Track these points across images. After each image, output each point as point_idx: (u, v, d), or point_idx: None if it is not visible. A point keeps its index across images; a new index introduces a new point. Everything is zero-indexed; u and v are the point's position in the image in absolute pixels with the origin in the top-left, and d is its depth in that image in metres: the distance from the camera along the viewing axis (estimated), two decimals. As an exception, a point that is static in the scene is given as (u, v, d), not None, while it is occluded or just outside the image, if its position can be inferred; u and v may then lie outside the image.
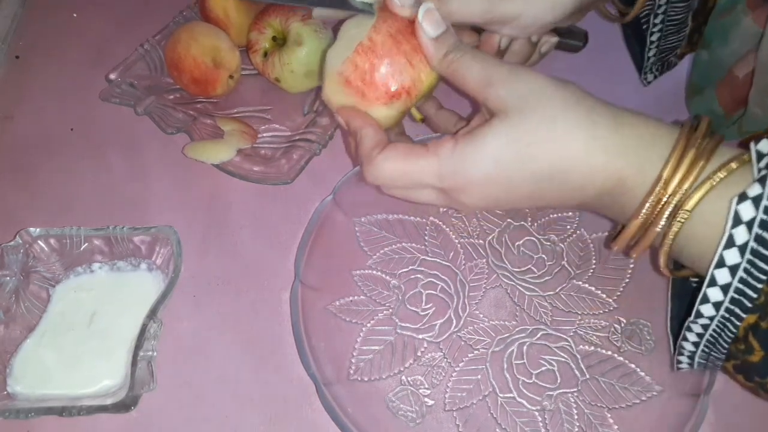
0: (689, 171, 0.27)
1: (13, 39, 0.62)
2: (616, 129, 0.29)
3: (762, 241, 0.25)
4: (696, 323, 0.28)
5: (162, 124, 0.51)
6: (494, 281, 0.46)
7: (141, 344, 0.39)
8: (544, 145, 0.29)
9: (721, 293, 0.26)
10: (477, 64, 0.31)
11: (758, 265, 0.25)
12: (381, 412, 0.40)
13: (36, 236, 0.44)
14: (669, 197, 0.28)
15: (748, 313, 0.26)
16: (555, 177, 0.30)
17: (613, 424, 0.40)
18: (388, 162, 0.32)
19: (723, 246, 0.26)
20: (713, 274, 0.26)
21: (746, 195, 0.25)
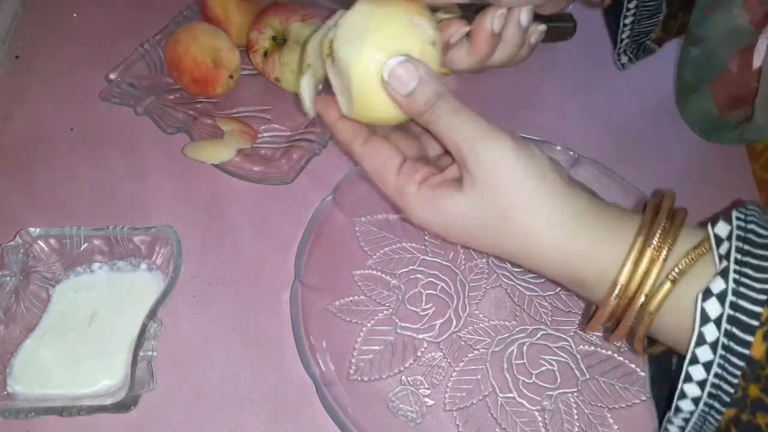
0: (647, 272, 0.28)
1: (13, 39, 0.61)
2: (573, 234, 0.29)
3: (733, 336, 0.25)
4: (676, 417, 0.28)
5: (162, 124, 0.51)
6: (494, 281, 0.46)
7: (141, 344, 0.39)
8: (503, 233, 0.30)
9: (699, 389, 0.26)
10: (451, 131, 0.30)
11: (732, 360, 0.25)
12: (381, 412, 0.40)
13: (36, 236, 0.44)
14: (630, 299, 0.28)
15: (727, 407, 0.26)
16: (511, 257, 0.32)
17: (613, 424, 0.40)
18: (364, 162, 0.33)
19: (694, 344, 0.26)
20: (688, 371, 0.26)
21: (710, 291, 0.25)
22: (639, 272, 0.28)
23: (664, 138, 0.56)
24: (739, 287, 0.25)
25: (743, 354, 0.25)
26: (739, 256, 0.25)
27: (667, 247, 0.28)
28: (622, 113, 0.59)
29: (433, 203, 0.31)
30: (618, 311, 0.29)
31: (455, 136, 0.30)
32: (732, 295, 0.25)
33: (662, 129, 0.57)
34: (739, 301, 0.25)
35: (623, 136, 0.57)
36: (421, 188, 0.32)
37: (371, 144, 0.33)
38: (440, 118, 0.30)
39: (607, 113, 0.59)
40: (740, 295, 0.25)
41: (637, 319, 0.28)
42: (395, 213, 0.34)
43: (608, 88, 0.61)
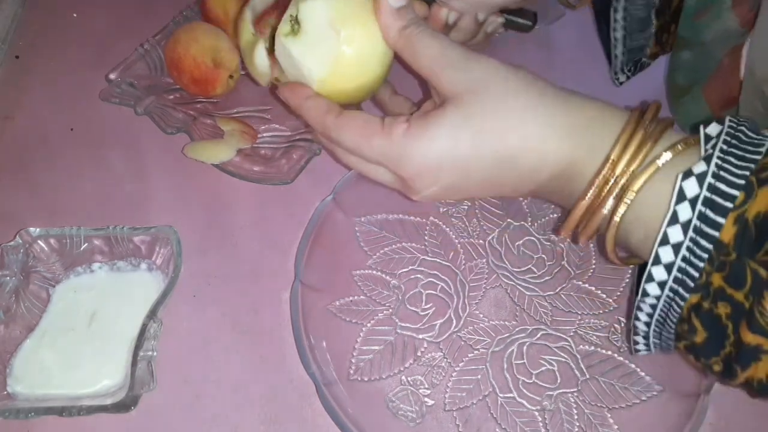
0: (637, 152, 0.28)
1: (13, 39, 0.62)
2: (567, 111, 0.30)
3: (704, 218, 0.25)
4: (644, 302, 0.28)
5: (162, 124, 0.51)
6: (494, 281, 0.46)
7: (141, 344, 0.39)
8: (498, 128, 0.29)
9: (665, 272, 0.26)
10: (435, 43, 0.31)
11: (701, 243, 0.25)
12: (381, 412, 0.40)
13: (36, 236, 0.44)
14: (617, 178, 0.28)
15: (691, 293, 0.26)
16: (510, 160, 0.30)
17: (613, 424, 0.40)
18: (344, 132, 0.32)
19: (667, 223, 0.26)
20: (657, 252, 0.26)
21: (691, 172, 0.26)
22: (629, 151, 0.28)
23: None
24: (719, 171, 0.25)
25: (712, 236, 0.25)
26: (725, 146, 0.26)
27: (656, 134, 0.28)
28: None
29: (428, 130, 0.30)
30: (600, 196, 0.29)
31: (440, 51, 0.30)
32: (711, 177, 0.25)
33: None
34: (717, 184, 0.25)
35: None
36: (411, 124, 0.30)
37: (346, 114, 0.33)
38: (424, 32, 0.31)
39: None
40: (719, 178, 0.25)
41: (615, 204, 0.28)
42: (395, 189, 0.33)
43: (607, 90, 0.61)
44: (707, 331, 0.26)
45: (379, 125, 0.31)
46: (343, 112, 0.33)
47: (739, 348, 0.25)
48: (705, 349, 0.27)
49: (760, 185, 0.24)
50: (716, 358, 0.27)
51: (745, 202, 0.24)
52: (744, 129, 0.27)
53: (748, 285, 0.24)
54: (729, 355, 0.26)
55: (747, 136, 0.26)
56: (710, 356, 0.27)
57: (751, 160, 0.25)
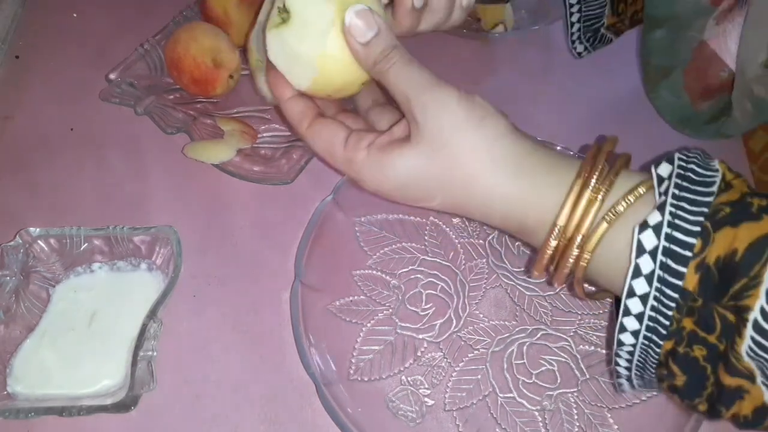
0: (585, 213, 0.28)
1: (13, 39, 0.61)
2: (515, 177, 0.30)
3: (667, 268, 0.25)
4: (621, 350, 0.28)
5: (162, 124, 0.51)
6: (494, 281, 0.46)
7: (141, 344, 0.39)
8: (450, 181, 0.31)
9: (636, 322, 0.27)
10: (401, 81, 0.31)
11: (666, 293, 0.25)
12: (381, 412, 0.40)
13: (36, 236, 0.44)
14: (569, 240, 0.29)
15: (664, 340, 0.26)
16: (462, 208, 0.32)
17: (613, 424, 0.40)
18: (312, 142, 0.34)
19: (630, 276, 0.26)
20: (626, 304, 0.27)
21: (647, 223, 0.26)
22: (577, 214, 0.28)
23: (661, 140, 0.56)
24: (674, 219, 0.25)
25: (677, 285, 0.25)
26: (677, 191, 0.26)
27: (605, 188, 0.28)
28: (620, 115, 0.59)
29: (383, 163, 0.31)
30: (558, 254, 0.29)
31: (405, 85, 0.31)
32: (667, 227, 0.25)
33: (657, 128, 0.57)
34: (674, 233, 0.25)
35: (620, 134, 0.57)
36: (370, 151, 0.32)
37: (317, 124, 0.34)
38: (393, 66, 0.31)
39: (605, 113, 0.59)
40: (675, 227, 0.25)
41: (575, 261, 0.29)
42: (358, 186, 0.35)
43: (607, 90, 0.61)
44: (686, 375, 0.27)
45: (341, 145, 0.33)
46: (314, 122, 0.34)
47: (720, 389, 0.26)
48: (687, 392, 0.27)
49: (715, 229, 0.25)
50: (699, 399, 0.27)
51: (703, 249, 0.25)
52: (694, 167, 0.27)
53: (719, 329, 0.25)
54: (712, 395, 0.26)
55: (697, 175, 0.27)
56: (693, 397, 0.27)
57: (704, 203, 0.25)
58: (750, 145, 0.56)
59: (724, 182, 0.26)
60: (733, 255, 0.24)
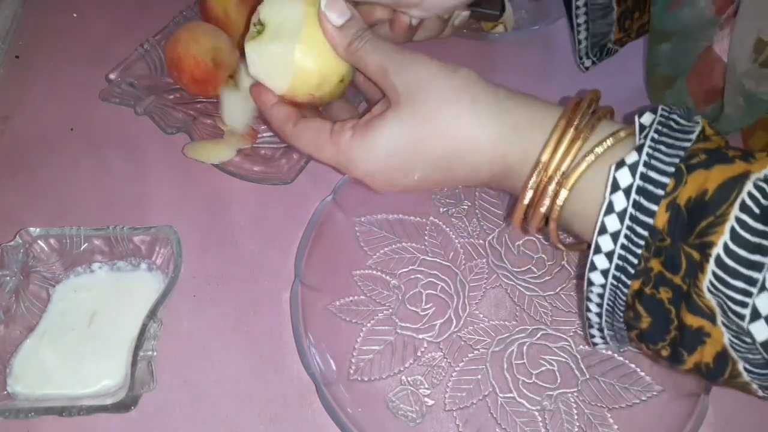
0: (567, 151, 0.29)
1: (13, 39, 0.62)
2: (498, 116, 0.31)
3: (639, 206, 0.26)
4: (591, 292, 0.29)
5: (162, 124, 0.51)
6: (494, 281, 0.46)
7: (141, 344, 0.39)
8: (434, 134, 0.31)
9: (606, 260, 0.27)
10: (376, 54, 0.33)
11: (637, 231, 0.26)
12: (381, 412, 0.40)
13: (36, 236, 0.44)
14: (550, 178, 0.29)
15: (632, 279, 0.27)
16: (448, 163, 0.32)
17: (613, 424, 0.40)
18: (299, 141, 0.35)
19: (603, 213, 0.27)
20: (597, 242, 0.27)
21: (624, 162, 0.26)
22: (560, 151, 0.29)
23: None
24: (650, 159, 0.26)
25: (647, 223, 0.26)
26: (656, 135, 0.27)
27: (588, 129, 0.29)
28: (620, 116, 0.59)
29: (368, 138, 0.32)
30: (537, 195, 0.30)
31: (380, 57, 0.32)
32: (643, 167, 0.26)
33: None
34: (649, 172, 0.26)
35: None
36: (355, 131, 0.32)
37: (301, 123, 0.35)
38: (367, 43, 0.33)
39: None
40: (650, 167, 0.26)
41: (552, 199, 0.29)
42: None
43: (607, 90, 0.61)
44: (651, 316, 0.27)
45: (327, 134, 0.33)
46: (299, 122, 0.35)
47: (682, 332, 0.26)
48: (651, 335, 0.28)
49: (689, 171, 0.25)
50: (663, 344, 0.27)
51: (675, 189, 0.25)
52: (675, 117, 0.28)
53: (684, 268, 0.25)
54: (674, 340, 0.27)
55: (678, 124, 0.27)
56: (657, 341, 0.27)
57: (681, 148, 0.26)
58: (750, 144, 0.55)
59: (703, 134, 0.27)
60: (703, 195, 0.25)
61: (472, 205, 0.50)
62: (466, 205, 0.50)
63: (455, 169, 0.32)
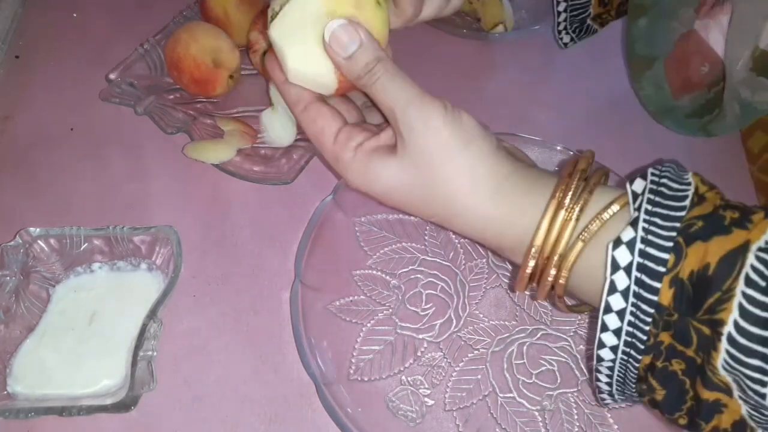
0: (561, 234, 0.29)
1: (13, 39, 0.61)
2: (494, 200, 0.31)
3: (642, 284, 0.25)
4: (601, 365, 0.28)
5: (162, 124, 0.51)
6: (494, 281, 0.46)
7: (141, 344, 0.39)
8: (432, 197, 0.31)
9: (615, 337, 0.27)
10: (386, 95, 0.31)
11: (642, 308, 0.26)
12: (381, 412, 0.40)
13: (36, 236, 0.44)
14: (547, 259, 0.29)
15: (642, 355, 0.26)
16: (443, 222, 0.33)
17: (613, 424, 0.40)
18: (305, 126, 0.34)
19: (606, 292, 0.26)
20: (603, 320, 0.27)
21: (620, 240, 0.26)
22: (552, 234, 0.29)
23: (661, 140, 0.56)
24: (647, 235, 0.26)
25: (652, 300, 0.25)
26: (650, 207, 0.26)
27: (579, 208, 0.28)
28: (620, 115, 0.59)
29: (368, 169, 0.32)
30: (537, 272, 0.30)
31: (390, 99, 0.31)
32: (640, 243, 0.26)
33: (658, 129, 0.57)
34: (647, 249, 0.25)
35: (621, 135, 0.57)
36: (357, 154, 0.32)
37: (311, 110, 0.34)
38: (378, 81, 0.31)
39: (605, 113, 0.59)
40: (648, 243, 0.25)
41: (554, 279, 0.29)
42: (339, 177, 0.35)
43: (607, 90, 0.61)
44: (665, 389, 0.27)
45: (332, 138, 0.33)
46: (309, 107, 0.34)
47: (698, 403, 0.26)
48: (667, 406, 0.27)
49: (688, 244, 0.25)
50: (680, 413, 0.27)
51: (677, 264, 0.25)
52: (666, 181, 0.27)
53: (695, 343, 0.25)
54: (691, 409, 0.26)
55: (670, 189, 0.27)
56: (674, 412, 0.27)
57: (676, 218, 0.26)
58: (748, 145, 0.56)
59: (697, 195, 0.27)
60: (706, 269, 0.24)
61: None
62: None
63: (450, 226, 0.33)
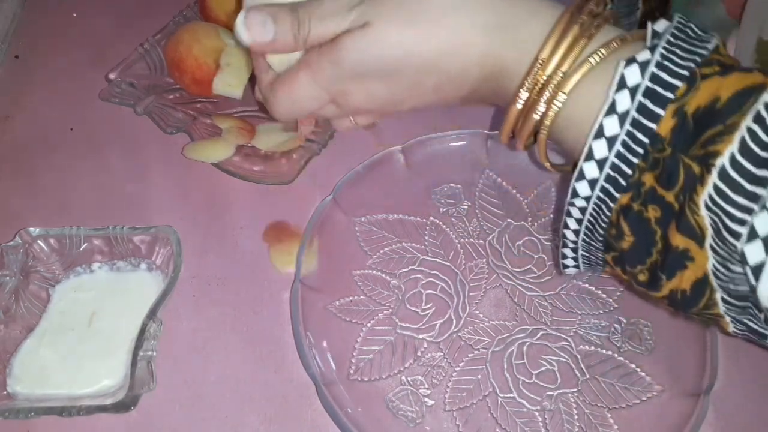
0: (570, 49, 0.26)
1: (13, 39, 0.62)
2: (494, 10, 0.27)
3: (644, 109, 0.24)
4: (573, 205, 0.27)
5: (162, 124, 0.51)
6: (494, 281, 0.46)
7: (141, 344, 0.39)
8: (419, 33, 0.28)
9: (597, 169, 0.25)
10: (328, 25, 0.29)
11: (636, 136, 0.24)
12: (381, 412, 0.40)
13: (36, 236, 0.44)
14: (547, 79, 0.26)
15: (621, 193, 0.25)
16: (434, 63, 0.28)
17: (613, 424, 0.40)
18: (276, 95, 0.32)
19: (603, 113, 0.25)
20: (590, 146, 0.25)
21: (634, 59, 0.24)
22: (561, 48, 0.26)
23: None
24: (663, 60, 0.24)
25: (649, 128, 0.24)
26: (672, 38, 0.25)
27: (591, 31, 0.26)
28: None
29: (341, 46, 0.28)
30: (531, 100, 0.27)
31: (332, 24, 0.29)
32: (654, 66, 0.24)
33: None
34: (660, 73, 0.24)
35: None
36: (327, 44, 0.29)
37: None
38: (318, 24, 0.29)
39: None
40: (663, 68, 0.24)
41: (548, 102, 0.27)
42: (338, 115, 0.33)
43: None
44: (635, 236, 0.25)
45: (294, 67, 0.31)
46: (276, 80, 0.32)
47: (666, 254, 0.24)
48: (631, 256, 0.26)
49: (703, 78, 0.23)
50: (642, 267, 0.26)
51: (686, 94, 0.23)
52: (692, 26, 0.26)
53: (680, 183, 0.24)
54: (655, 264, 0.25)
55: (695, 33, 0.25)
56: (636, 264, 0.26)
57: (698, 54, 0.24)
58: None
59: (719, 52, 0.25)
60: (715, 102, 0.23)
61: (472, 205, 0.50)
62: (466, 205, 0.50)
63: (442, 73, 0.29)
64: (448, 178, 0.51)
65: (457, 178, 0.51)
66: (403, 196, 0.49)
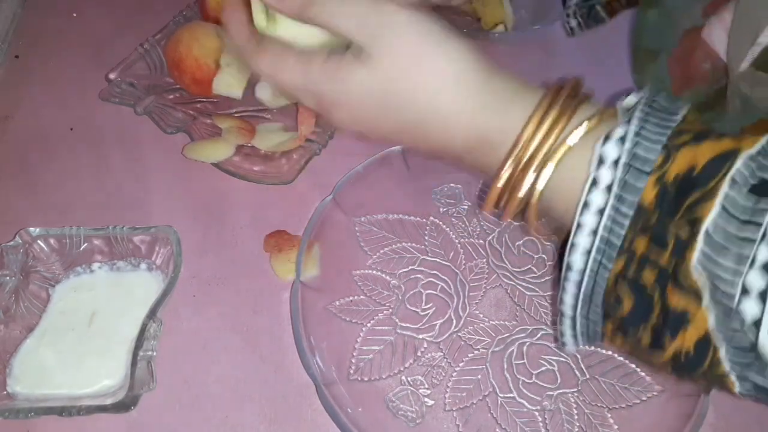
0: (550, 130, 0.27)
1: (13, 39, 0.62)
2: (480, 88, 0.29)
3: (625, 182, 0.25)
4: (568, 279, 0.27)
5: (162, 123, 0.51)
6: (494, 281, 0.46)
7: (141, 344, 0.39)
8: (410, 100, 0.29)
9: (589, 241, 0.26)
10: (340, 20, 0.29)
11: (621, 209, 0.25)
12: (381, 412, 0.40)
13: (36, 236, 0.44)
14: (531, 156, 0.28)
15: (614, 261, 0.26)
16: (419, 125, 0.30)
17: (613, 424, 0.40)
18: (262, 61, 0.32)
19: (587, 189, 0.26)
20: (579, 221, 0.26)
21: (610, 136, 0.26)
22: (544, 127, 0.28)
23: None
24: (637, 136, 0.25)
25: (633, 201, 0.25)
26: (642, 114, 0.26)
27: (572, 109, 0.28)
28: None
29: (338, 75, 0.30)
30: (515, 176, 0.28)
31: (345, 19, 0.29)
32: (630, 142, 0.25)
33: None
34: (636, 148, 0.25)
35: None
36: (326, 62, 0.30)
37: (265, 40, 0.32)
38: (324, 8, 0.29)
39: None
40: (637, 143, 0.25)
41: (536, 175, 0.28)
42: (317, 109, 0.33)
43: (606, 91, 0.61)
44: (634, 297, 0.26)
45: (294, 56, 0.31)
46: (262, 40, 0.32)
47: (666, 315, 0.25)
48: (632, 320, 0.26)
49: (678, 149, 0.25)
50: (644, 328, 0.26)
51: (664, 164, 0.25)
52: (660, 99, 0.27)
53: (671, 247, 0.24)
54: (656, 326, 0.26)
55: (665, 103, 0.27)
56: (638, 325, 0.26)
57: (669, 126, 0.25)
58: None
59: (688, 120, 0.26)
60: (692, 170, 0.24)
61: (472, 205, 0.50)
62: (466, 205, 0.50)
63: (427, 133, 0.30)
64: (448, 178, 0.51)
65: (457, 178, 0.51)
66: (403, 196, 0.49)
